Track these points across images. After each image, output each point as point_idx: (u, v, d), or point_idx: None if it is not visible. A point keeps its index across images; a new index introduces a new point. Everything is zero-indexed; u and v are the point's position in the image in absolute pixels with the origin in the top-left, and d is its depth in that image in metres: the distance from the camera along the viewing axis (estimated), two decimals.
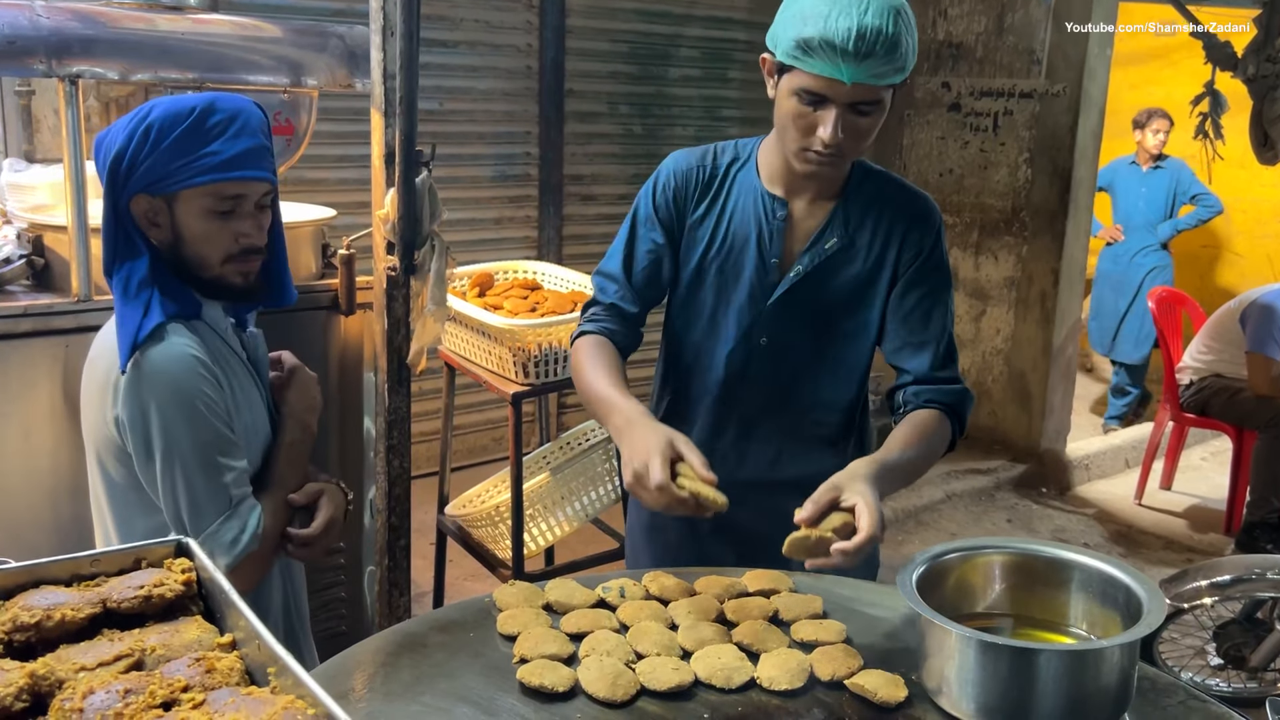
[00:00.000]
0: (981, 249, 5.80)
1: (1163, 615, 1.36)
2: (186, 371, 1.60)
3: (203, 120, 1.59)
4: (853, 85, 1.62)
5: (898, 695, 1.38)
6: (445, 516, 3.27)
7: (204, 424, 1.61)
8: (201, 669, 0.88)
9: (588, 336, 1.91)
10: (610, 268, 1.94)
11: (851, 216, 1.84)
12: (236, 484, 1.65)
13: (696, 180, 1.89)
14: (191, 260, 1.65)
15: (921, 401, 1.84)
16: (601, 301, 1.93)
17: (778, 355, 1.89)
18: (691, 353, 1.94)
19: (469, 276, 3.14)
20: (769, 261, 1.85)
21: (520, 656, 1.45)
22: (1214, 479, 5.69)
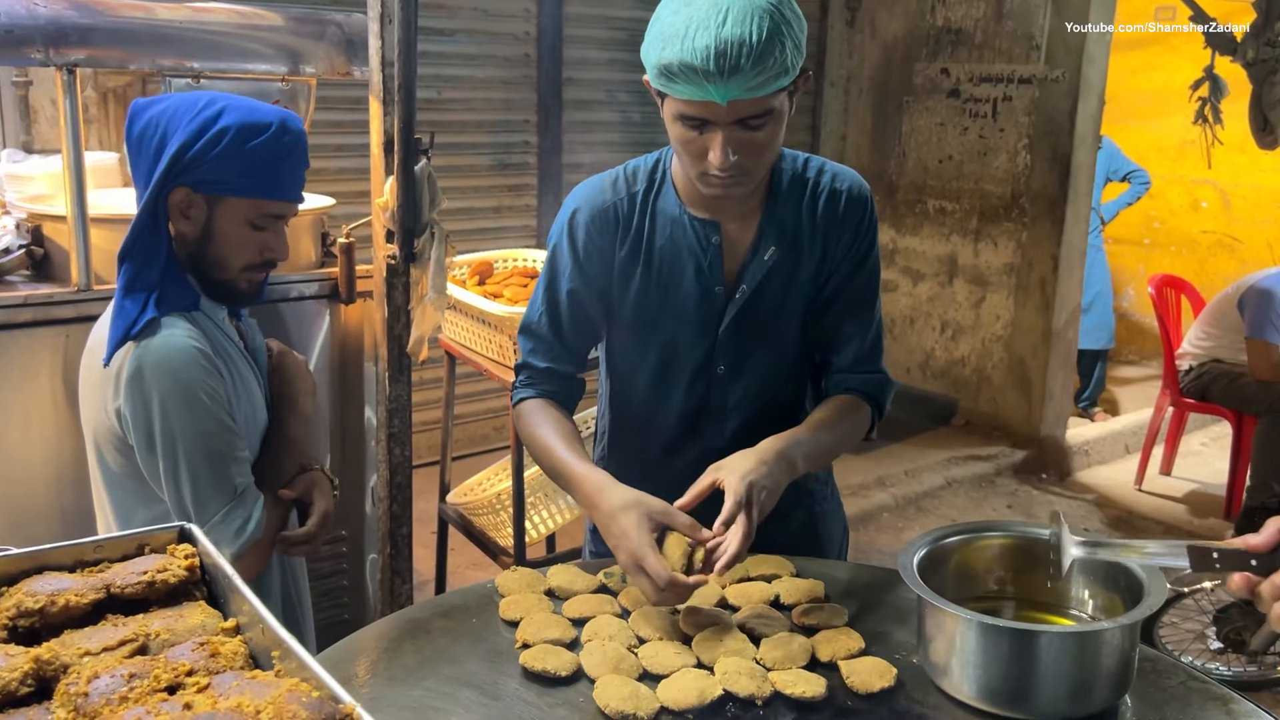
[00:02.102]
0: (981, 235, 5.79)
1: (1163, 597, 1.36)
2: (189, 363, 1.60)
3: (278, 138, 1.61)
4: (729, 104, 1.49)
5: (872, 685, 1.37)
6: (447, 505, 3.27)
7: (207, 414, 1.61)
8: (205, 653, 0.89)
9: (529, 402, 1.79)
10: (537, 327, 1.80)
11: (785, 220, 1.73)
12: (240, 473, 1.66)
13: (615, 216, 1.74)
14: (212, 260, 1.67)
15: (843, 389, 1.79)
16: (535, 366, 1.80)
17: (737, 379, 1.78)
18: (643, 394, 1.83)
19: (469, 265, 3.14)
20: (713, 290, 1.73)
21: (523, 642, 1.46)
22: (1214, 464, 5.70)
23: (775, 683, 1.37)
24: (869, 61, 6.20)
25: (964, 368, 5.98)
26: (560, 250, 1.77)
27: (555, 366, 1.79)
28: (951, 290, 5.98)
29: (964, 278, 5.91)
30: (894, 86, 6.10)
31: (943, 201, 5.95)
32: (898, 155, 6.12)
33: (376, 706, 1.33)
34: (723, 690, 1.35)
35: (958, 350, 5.99)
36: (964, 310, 5.94)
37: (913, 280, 6.15)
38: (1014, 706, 1.32)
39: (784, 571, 1.68)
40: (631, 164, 1.79)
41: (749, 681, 1.36)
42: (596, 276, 1.76)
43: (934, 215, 6.00)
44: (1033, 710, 1.32)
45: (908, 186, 6.09)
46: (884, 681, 1.37)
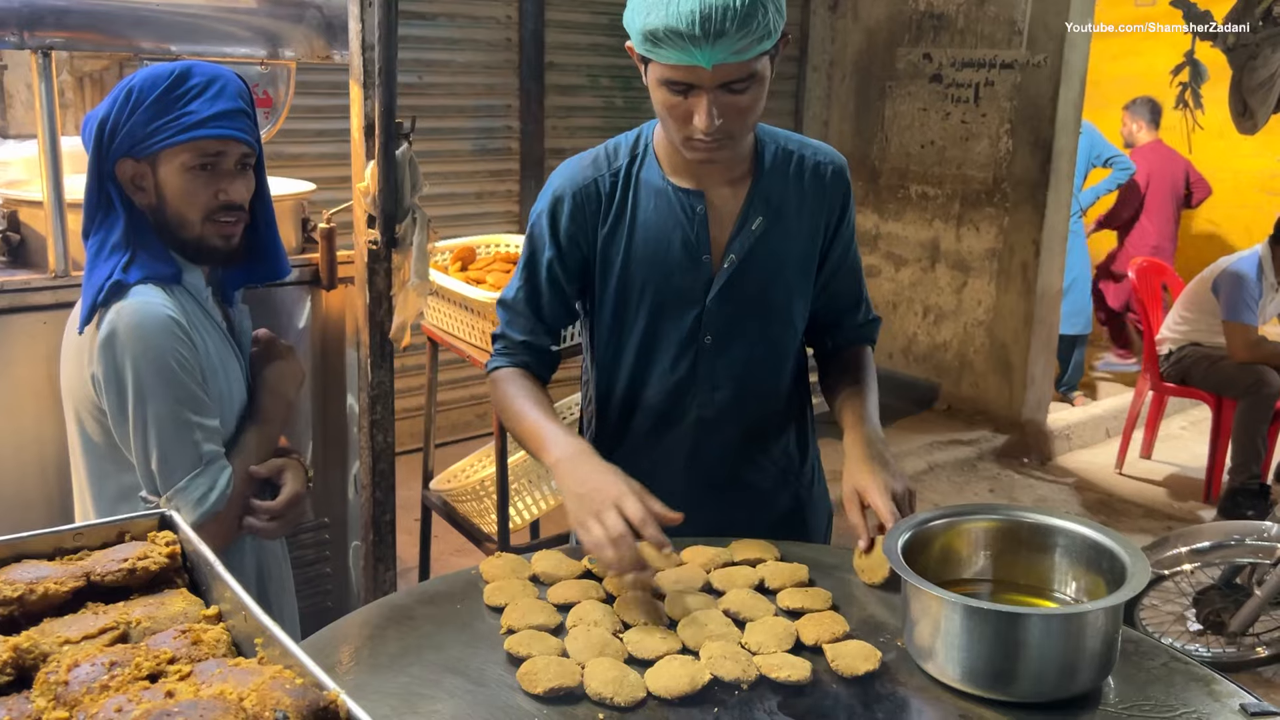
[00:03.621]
0: (963, 220, 5.80)
1: (1147, 579, 1.37)
2: (161, 330, 1.62)
3: (180, 82, 1.63)
4: (714, 68, 1.51)
5: (857, 669, 1.37)
6: (430, 492, 3.26)
7: (177, 382, 1.63)
8: (188, 641, 0.88)
9: (504, 370, 1.82)
10: (515, 301, 1.82)
11: (771, 192, 1.75)
12: (207, 441, 1.67)
13: (598, 194, 1.75)
14: (174, 221, 1.68)
15: (845, 344, 1.92)
16: (511, 337, 1.82)
17: (724, 351, 1.79)
18: (629, 369, 1.83)
19: (451, 250, 3.12)
20: (700, 259, 1.74)
21: (508, 627, 1.45)
22: (1193, 448, 5.74)
23: (760, 666, 1.37)
24: (851, 46, 6.19)
25: (946, 352, 5.99)
26: (541, 229, 1.78)
27: (531, 340, 1.81)
28: (934, 275, 5.99)
29: (946, 263, 5.92)
30: (876, 71, 6.09)
31: (925, 187, 5.96)
32: (880, 140, 6.12)
33: (361, 693, 1.32)
34: (710, 675, 1.34)
35: (940, 335, 6.01)
36: (946, 295, 5.95)
37: (895, 265, 6.16)
38: (998, 688, 1.33)
39: (768, 556, 1.68)
40: (612, 141, 1.79)
41: (734, 665, 1.35)
42: (576, 256, 1.77)
43: (916, 200, 6.01)
44: (1017, 692, 1.32)
45: (890, 172, 6.10)
46: (868, 665, 1.37)
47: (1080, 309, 6.27)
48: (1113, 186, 6.45)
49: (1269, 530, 3.30)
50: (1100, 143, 6.36)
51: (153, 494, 1.65)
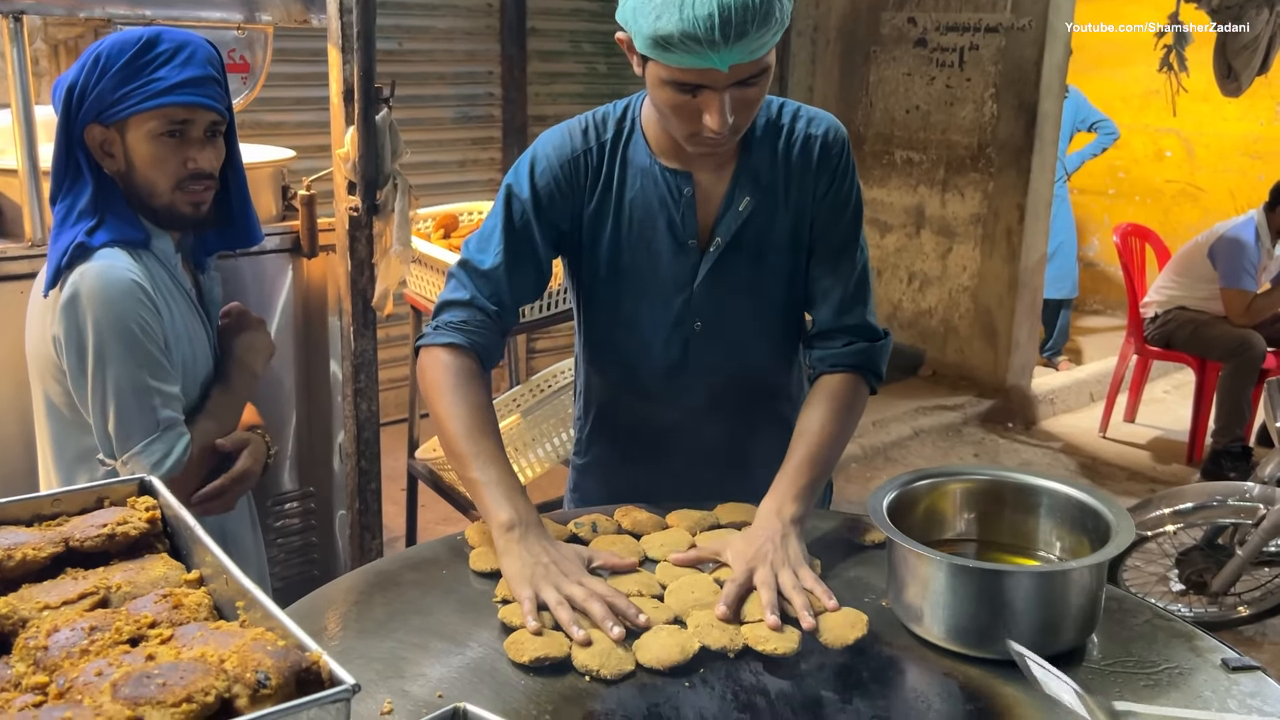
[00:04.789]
0: (948, 186, 5.79)
1: (1131, 537, 1.37)
2: (124, 294, 1.61)
3: (148, 49, 1.62)
4: (730, 69, 1.42)
5: (846, 638, 1.35)
6: (416, 461, 3.25)
7: (138, 346, 1.63)
8: (168, 605, 0.87)
9: (454, 352, 1.60)
10: (486, 265, 1.65)
11: (760, 168, 1.66)
12: (166, 407, 1.67)
13: (585, 167, 1.66)
14: (143, 187, 1.68)
15: (828, 366, 1.71)
16: (479, 307, 1.63)
17: (716, 336, 1.73)
18: (620, 353, 1.78)
19: (433, 218, 3.09)
20: (686, 243, 1.67)
21: (502, 598, 1.44)
22: (1177, 411, 5.77)
23: (747, 638, 1.35)
24: (835, 11, 6.14)
25: (931, 319, 6.00)
26: (523, 192, 1.66)
27: (501, 315, 1.66)
28: (919, 241, 5.99)
29: (931, 228, 5.91)
30: (861, 36, 6.05)
31: (910, 152, 5.94)
32: (865, 106, 6.09)
33: (347, 658, 1.32)
34: (699, 644, 1.33)
35: (925, 301, 6.01)
36: (931, 261, 5.95)
37: (880, 232, 6.15)
38: (983, 646, 1.33)
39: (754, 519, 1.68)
40: (599, 111, 1.71)
41: (720, 634, 1.34)
42: (559, 224, 1.69)
43: (901, 166, 5.99)
44: (1002, 650, 1.33)
45: (875, 138, 6.07)
46: (856, 633, 1.36)
47: (1066, 273, 6.28)
48: (1098, 151, 6.45)
49: (1251, 491, 3.33)
50: (1085, 107, 6.35)
51: (109, 457, 1.66)
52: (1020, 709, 1.25)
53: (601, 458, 1.89)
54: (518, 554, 1.45)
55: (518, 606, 1.38)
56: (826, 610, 1.40)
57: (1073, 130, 6.28)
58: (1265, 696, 1.27)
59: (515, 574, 1.43)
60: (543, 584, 1.40)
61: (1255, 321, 4.91)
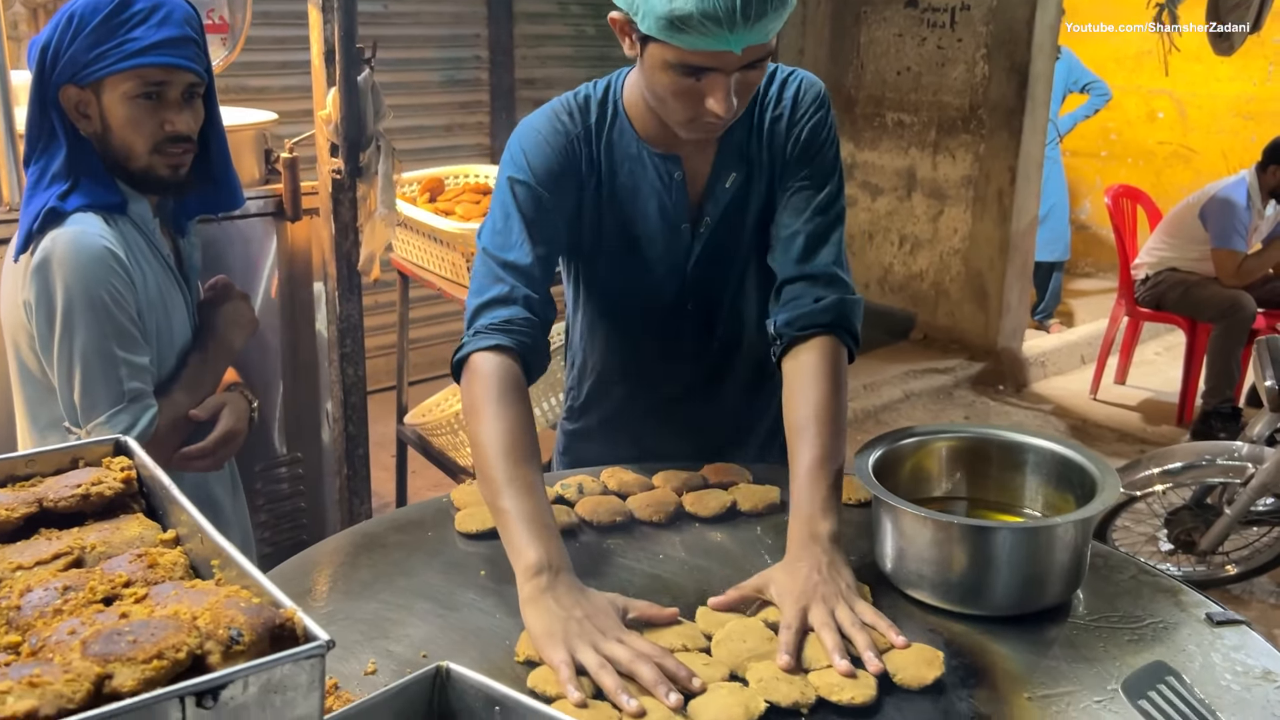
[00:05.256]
0: (939, 148, 5.76)
1: (1117, 493, 1.37)
2: (95, 260, 1.60)
3: (124, 7, 1.59)
4: (744, 51, 1.37)
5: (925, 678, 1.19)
6: (405, 426, 3.25)
7: (106, 315, 1.61)
8: (143, 564, 0.86)
9: (500, 356, 1.46)
10: (512, 257, 1.52)
11: (741, 141, 1.62)
12: (133, 378, 1.65)
13: (576, 151, 1.59)
14: (119, 150, 1.66)
15: (798, 330, 1.55)
16: (519, 301, 1.51)
17: (710, 313, 1.72)
18: (612, 332, 1.76)
19: (419, 182, 3.07)
20: (678, 228, 1.64)
21: (526, 658, 1.25)
22: (1167, 373, 5.78)
23: (819, 688, 1.17)
24: None
25: (922, 282, 5.99)
26: (525, 181, 1.56)
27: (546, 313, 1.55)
28: (910, 204, 5.97)
29: (922, 191, 5.89)
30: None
31: (901, 114, 5.90)
32: (856, 68, 6.05)
33: (331, 620, 1.32)
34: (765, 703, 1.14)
35: (916, 264, 6.00)
36: (922, 224, 5.93)
37: (871, 195, 6.12)
38: (969, 603, 1.33)
39: (740, 478, 1.68)
40: (580, 92, 1.63)
41: (789, 689, 1.16)
42: (563, 211, 1.60)
43: (892, 129, 5.95)
44: (987, 606, 1.33)
45: (866, 100, 6.03)
46: (934, 671, 1.19)
47: (1058, 235, 6.27)
48: (1090, 112, 6.41)
49: (1239, 450, 3.34)
50: (1078, 68, 6.31)
51: (75, 425, 1.64)
52: (1005, 664, 1.25)
53: (593, 425, 1.88)
54: (545, 607, 1.25)
55: (549, 672, 1.18)
56: (894, 647, 1.23)
57: (1065, 91, 6.25)
58: (1249, 649, 1.27)
59: (544, 631, 1.23)
60: (578, 644, 1.20)
61: (1246, 282, 4.91)
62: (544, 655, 1.21)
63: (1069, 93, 6.31)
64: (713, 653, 1.23)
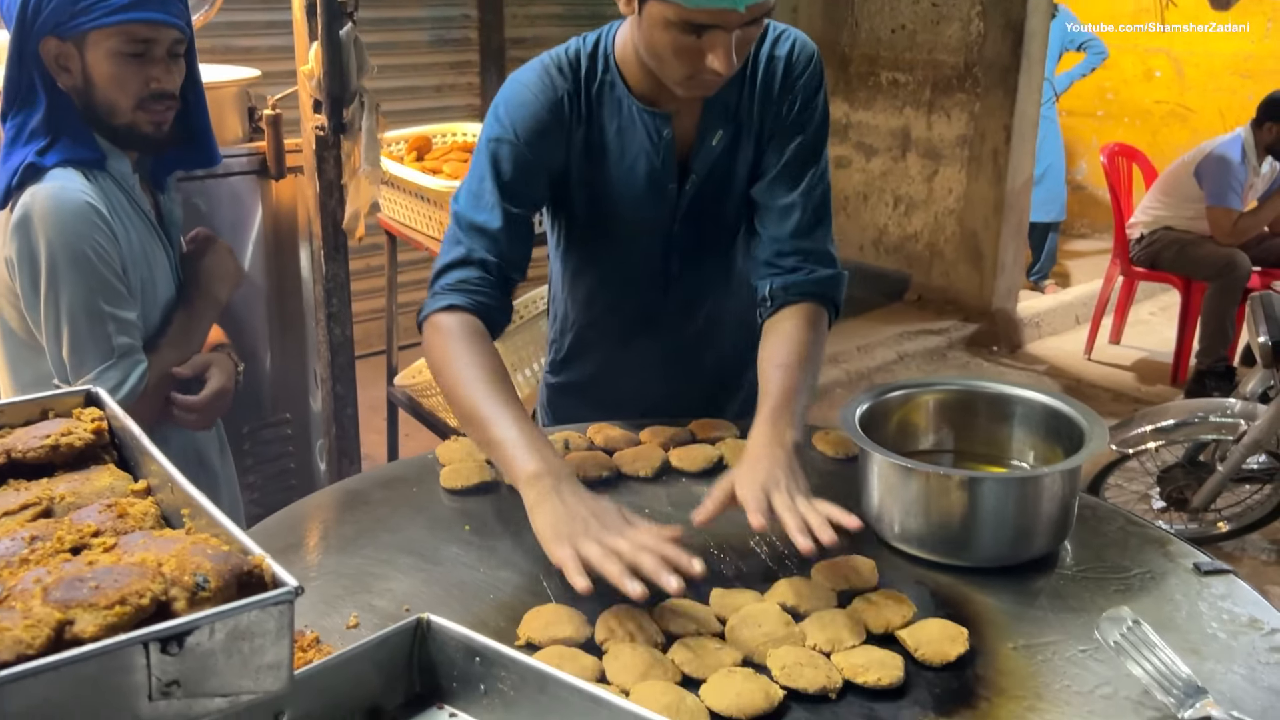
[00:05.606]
0: (934, 107, 5.71)
1: (1105, 443, 1.36)
2: (78, 216, 1.58)
3: None
4: (747, 8, 1.35)
5: (948, 654, 1.15)
6: (395, 388, 3.23)
7: (92, 271, 1.59)
8: (113, 514, 0.85)
9: (454, 314, 1.50)
10: (480, 219, 1.54)
11: (729, 99, 1.60)
12: (122, 334, 1.64)
13: (567, 107, 1.57)
14: (103, 106, 1.63)
15: (790, 295, 1.60)
16: (477, 262, 1.53)
17: (696, 272, 1.71)
18: (597, 290, 1.75)
19: (406, 140, 3.03)
20: (666, 187, 1.62)
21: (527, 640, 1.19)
22: (1162, 332, 5.77)
23: (844, 670, 1.13)
24: None
25: (916, 243, 5.96)
26: (510, 137, 1.55)
27: (508, 273, 1.56)
28: (904, 164, 5.92)
29: (917, 151, 5.85)
30: None
31: (895, 73, 5.84)
32: (850, 26, 5.98)
33: (314, 574, 1.31)
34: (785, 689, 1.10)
35: (910, 225, 5.97)
36: (917, 184, 5.89)
37: (865, 155, 6.08)
38: (955, 554, 1.33)
39: (727, 434, 1.67)
40: (569, 47, 1.61)
41: (815, 674, 1.11)
42: (547, 169, 1.60)
43: (887, 88, 5.90)
44: (973, 557, 1.33)
45: (860, 59, 5.97)
46: (958, 648, 1.15)
47: (1054, 196, 6.23)
48: (1086, 71, 6.36)
49: (1232, 407, 3.34)
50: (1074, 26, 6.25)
51: (64, 382, 1.63)
52: (990, 614, 1.25)
53: (576, 379, 1.87)
54: (550, 508, 1.27)
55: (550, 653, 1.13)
56: (847, 528, 1.25)
57: (1061, 50, 6.19)
58: (1236, 598, 1.27)
59: (549, 529, 1.25)
60: (582, 540, 1.22)
61: (1241, 241, 4.89)
62: (550, 553, 1.24)
63: (1065, 51, 6.25)
64: (727, 637, 1.19)
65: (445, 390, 1.47)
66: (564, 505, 1.27)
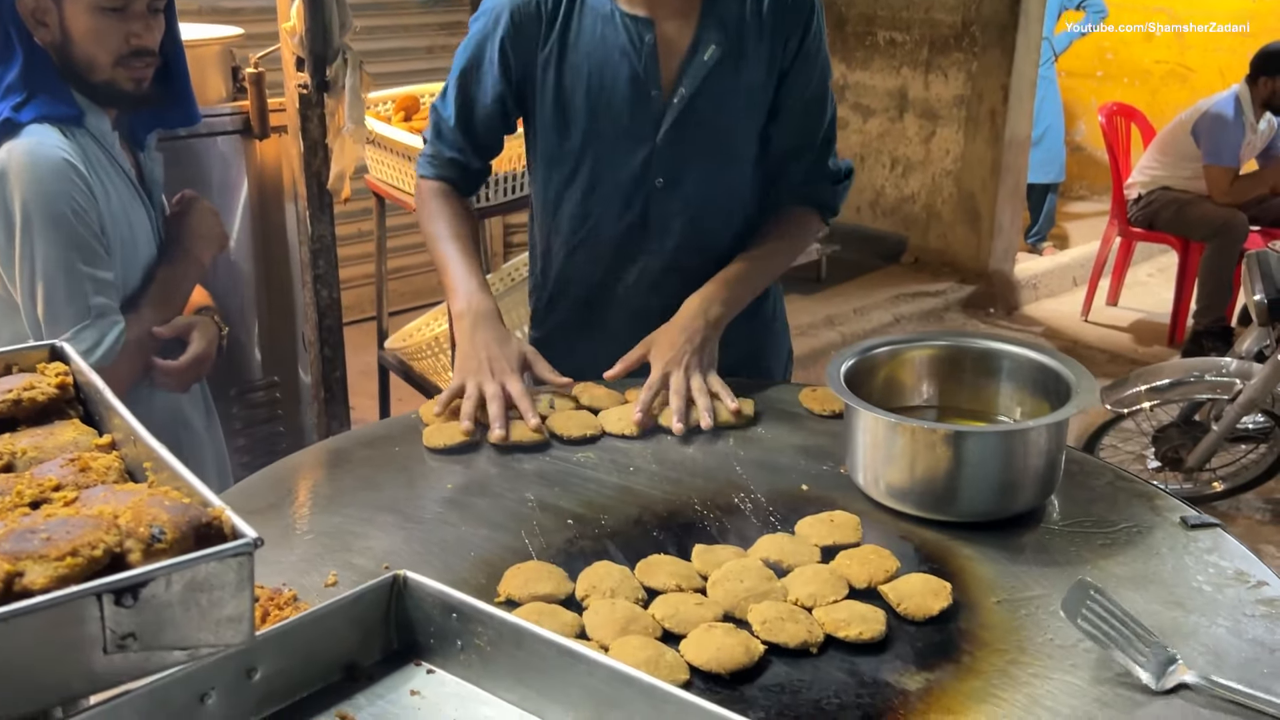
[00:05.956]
0: (931, 67, 5.65)
1: (1094, 397, 1.34)
2: (55, 172, 1.56)
3: None
4: None
5: (930, 609, 1.14)
6: (386, 352, 3.21)
7: (69, 228, 1.57)
8: (75, 468, 0.83)
9: (430, 183, 1.77)
10: (446, 113, 1.75)
11: (726, 16, 1.63)
12: (99, 293, 1.62)
13: (540, 12, 1.63)
14: (81, 62, 1.61)
15: (791, 200, 1.78)
16: (441, 153, 1.76)
17: (678, 193, 1.70)
18: (575, 212, 1.74)
19: (393, 100, 3.00)
20: (648, 93, 1.63)
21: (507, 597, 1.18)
22: (1160, 294, 5.75)
23: (825, 625, 1.12)
24: None
25: (914, 204, 5.92)
26: (481, 37, 1.69)
27: (459, 158, 1.76)
28: (902, 125, 5.87)
29: (914, 112, 5.79)
30: None
31: (893, 32, 5.78)
32: None
33: (293, 533, 1.30)
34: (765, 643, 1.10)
35: (908, 187, 5.93)
36: (914, 146, 5.84)
37: (863, 116, 6.02)
38: (940, 509, 1.31)
39: None
40: None
41: (796, 628, 1.10)
42: (516, 72, 1.68)
43: (884, 48, 5.84)
44: (960, 512, 1.31)
45: (857, 18, 5.91)
46: (941, 602, 1.14)
47: (1053, 157, 6.18)
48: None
49: (1228, 366, 3.32)
50: None
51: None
52: (974, 568, 1.24)
53: (559, 328, 1.86)
54: (461, 346, 1.58)
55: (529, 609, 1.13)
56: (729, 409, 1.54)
57: (1060, 9, 6.12)
58: (1223, 552, 1.26)
59: (457, 366, 1.56)
60: (470, 378, 1.52)
61: (1238, 200, 4.85)
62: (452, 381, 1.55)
63: (1064, 10, 6.18)
64: (709, 593, 1.18)
65: (422, 230, 1.76)
66: (471, 346, 1.56)
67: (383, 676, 0.98)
